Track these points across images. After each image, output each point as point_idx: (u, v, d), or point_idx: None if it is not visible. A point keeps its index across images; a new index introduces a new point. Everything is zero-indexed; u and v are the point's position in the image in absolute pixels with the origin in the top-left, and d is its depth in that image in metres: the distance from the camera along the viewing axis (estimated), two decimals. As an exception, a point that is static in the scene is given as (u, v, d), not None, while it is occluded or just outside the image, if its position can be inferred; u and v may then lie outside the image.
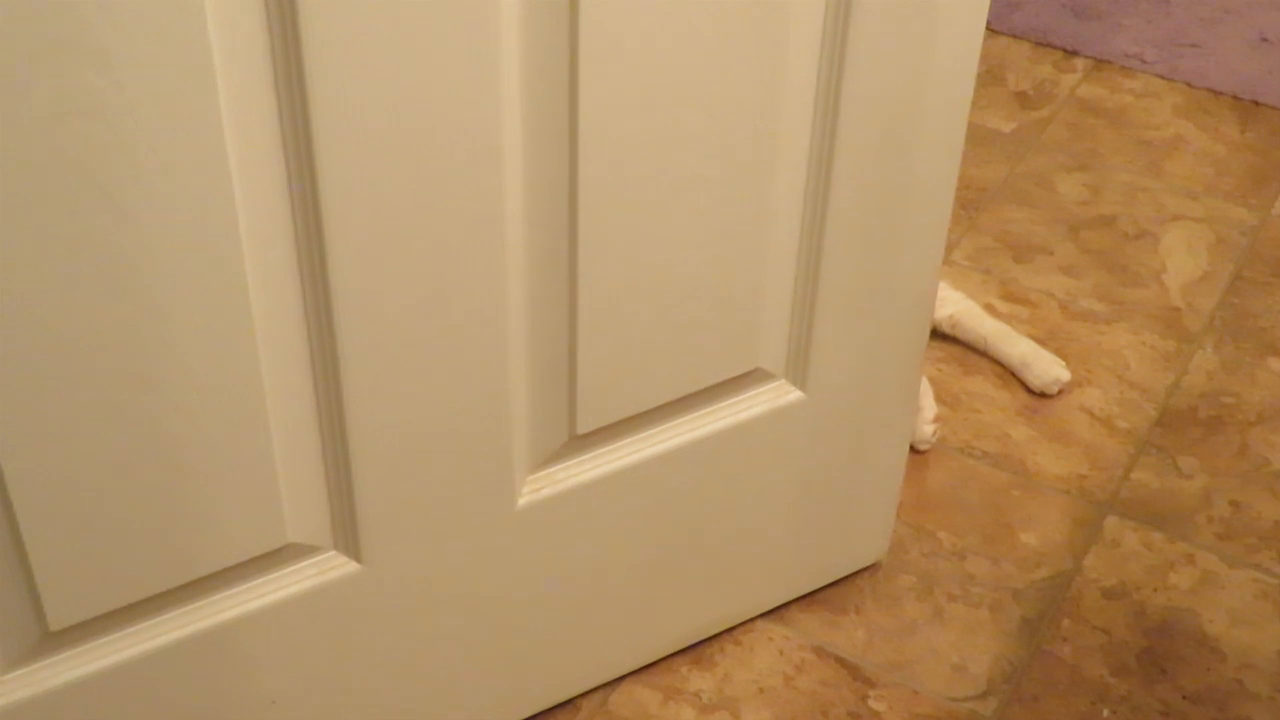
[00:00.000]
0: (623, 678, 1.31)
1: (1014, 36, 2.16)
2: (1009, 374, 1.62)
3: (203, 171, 0.82)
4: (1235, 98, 2.04)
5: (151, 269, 0.84)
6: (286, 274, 0.90)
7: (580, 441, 1.11)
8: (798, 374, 1.19)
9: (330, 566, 1.05)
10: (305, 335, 0.93)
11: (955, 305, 1.65)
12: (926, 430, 1.51)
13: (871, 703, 1.30)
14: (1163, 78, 2.08)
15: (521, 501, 1.10)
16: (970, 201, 1.86)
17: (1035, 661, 1.34)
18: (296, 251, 0.89)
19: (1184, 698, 1.31)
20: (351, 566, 1.05)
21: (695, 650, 1.34)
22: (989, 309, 1.69)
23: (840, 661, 1.33)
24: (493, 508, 1.09)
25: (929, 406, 1.52)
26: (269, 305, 0.90)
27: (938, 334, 1.65)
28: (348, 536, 1.04)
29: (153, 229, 0.82)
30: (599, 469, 1.13)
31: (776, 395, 1.19)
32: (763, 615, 1.36)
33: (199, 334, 0.88)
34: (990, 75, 2.08)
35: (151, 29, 0.76)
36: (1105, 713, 1.29)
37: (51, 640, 0.96)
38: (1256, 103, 2.03)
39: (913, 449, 1.51)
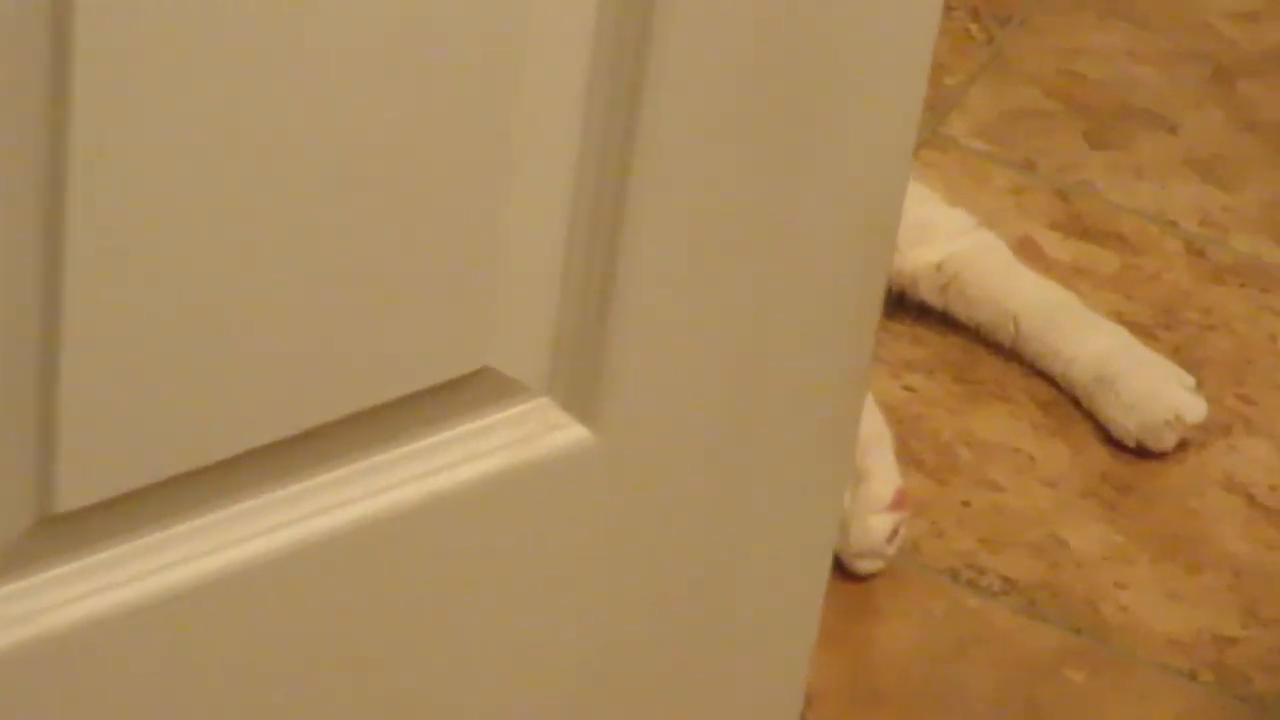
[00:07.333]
0: None
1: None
2: (1068, 400, 0.98)
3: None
4: None
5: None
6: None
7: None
8: (577, 396, 0.70)
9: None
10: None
11: (956, 242, 1.03)
12: (878, 528, 0.96)
13: None
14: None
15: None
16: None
17: None
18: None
19: None
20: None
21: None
22: (1031, 252, 1.04)
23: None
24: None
25: (884, 476, 0.96)
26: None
27: (913, 306, 1.04)
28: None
29: None
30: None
31: (536, 428, 0.70)
32: None
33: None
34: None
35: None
36: None
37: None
38: None
39: (847, 567, 0.95)
